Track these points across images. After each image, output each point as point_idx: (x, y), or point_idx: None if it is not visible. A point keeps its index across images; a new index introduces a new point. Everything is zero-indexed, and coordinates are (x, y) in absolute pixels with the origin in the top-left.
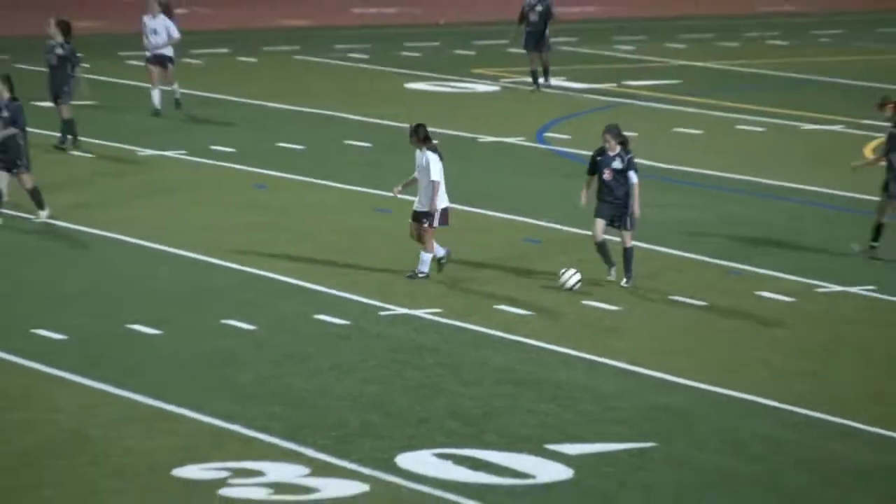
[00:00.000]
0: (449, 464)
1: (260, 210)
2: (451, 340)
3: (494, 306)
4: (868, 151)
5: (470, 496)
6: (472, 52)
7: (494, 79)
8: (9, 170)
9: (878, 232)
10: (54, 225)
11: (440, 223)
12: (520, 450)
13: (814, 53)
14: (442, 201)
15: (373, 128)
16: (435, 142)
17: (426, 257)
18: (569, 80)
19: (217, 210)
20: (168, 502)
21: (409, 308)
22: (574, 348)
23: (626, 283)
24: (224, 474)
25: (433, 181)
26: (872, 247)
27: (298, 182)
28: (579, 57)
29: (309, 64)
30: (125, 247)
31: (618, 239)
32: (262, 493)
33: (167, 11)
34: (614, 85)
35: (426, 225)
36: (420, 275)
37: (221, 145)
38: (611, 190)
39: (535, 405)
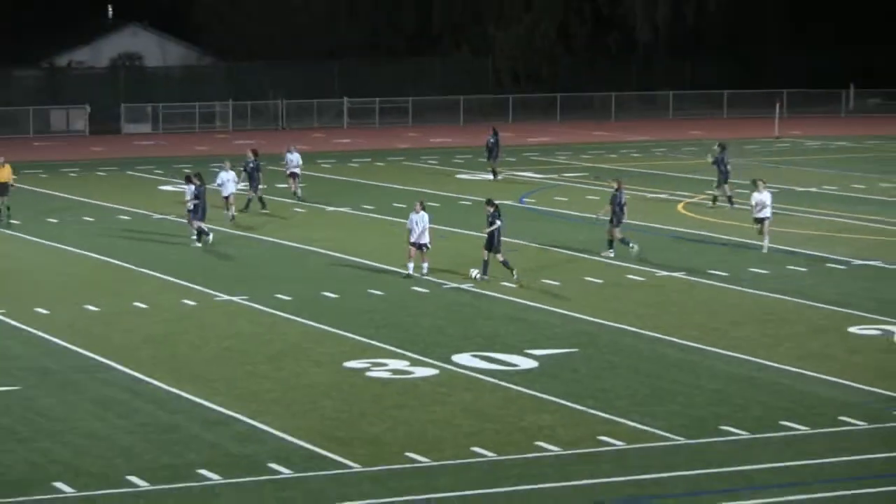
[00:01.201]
0: (477, 360)
1: None
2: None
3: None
4: None
5: (489, 376)
6: None
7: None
8: None
9: None
10: None
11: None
12: (510, 352)
13: None
14: None
15: None
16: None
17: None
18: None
19: None
20: (342, 377)
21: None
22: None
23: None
24: (368, 365)
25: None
26: None
27: None
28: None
29: None
30: None
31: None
32: (387, 374)
33: None
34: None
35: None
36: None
37: None
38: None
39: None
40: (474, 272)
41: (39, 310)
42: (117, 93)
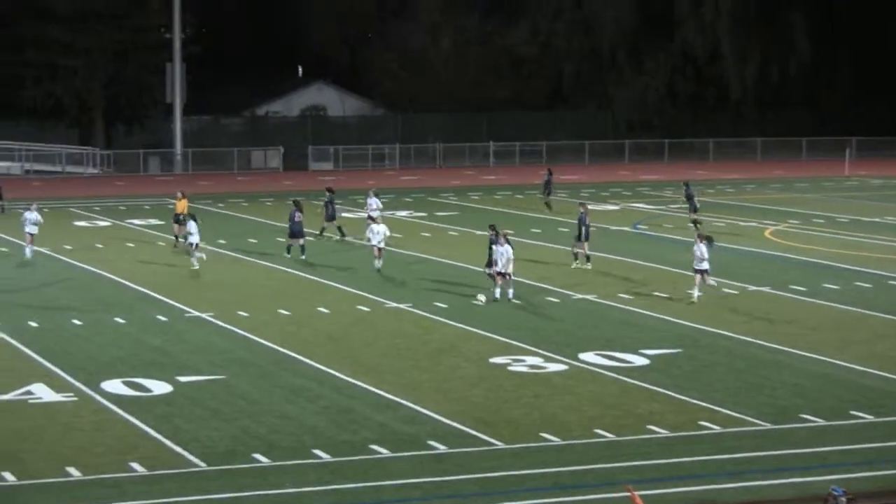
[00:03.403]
0: (599, 358)
1: None
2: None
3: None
4: None
5: (610, 371)
6: None
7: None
8: None
9: None
10: None
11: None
12: (627, 351)
13: None
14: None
15: None
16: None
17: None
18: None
19: None
20: (488, 370)
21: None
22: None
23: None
24: (509, 361)
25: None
26: None
27: None
28: None
29: None
30: None
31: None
32: (525, 369)
33: None
34: None
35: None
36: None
37: None
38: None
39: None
40: (482, 297)
41: (241, 312)
42: (305, 137)
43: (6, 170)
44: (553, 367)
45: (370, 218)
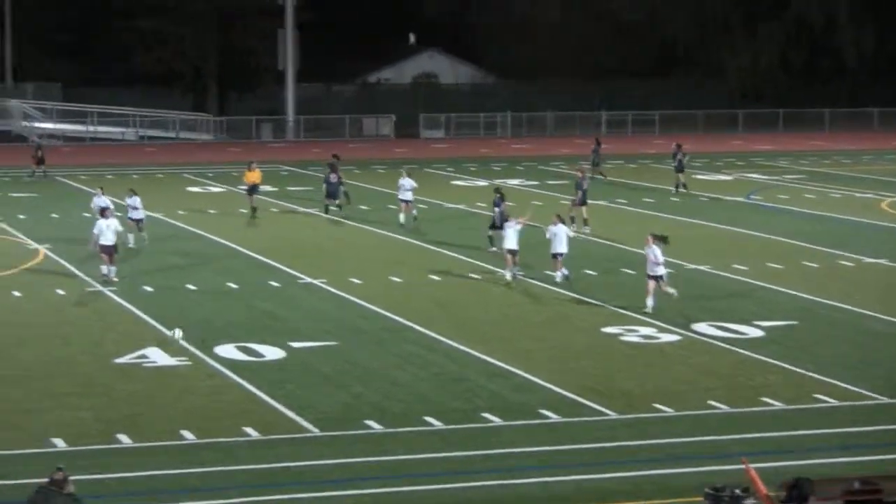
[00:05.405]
0: (713, 329)
1: None
2: None
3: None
4: None
5: (723, 342)
6: None
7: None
8: None
9: None
10: None
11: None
12: (741, 322)
13: None
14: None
15: None
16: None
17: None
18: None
19: None
20: (600, 340)
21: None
22: None
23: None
24: (622, 331)
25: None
26: None
27: None
28: None
29: None
30: None
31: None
32: (638, 339)
33: None
34: None
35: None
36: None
37: None
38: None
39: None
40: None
41: (354, 280)
42: (417, 105)
43: (121, 135)
44: (666, 337)
45: (404, 202)
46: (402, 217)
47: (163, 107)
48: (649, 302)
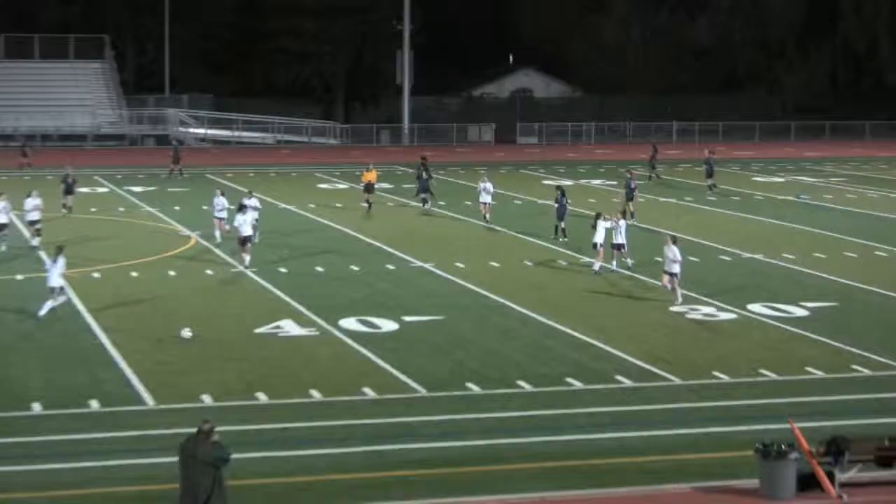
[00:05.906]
0: (765, 308)
1: None
2: None
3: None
4: None
5: (773, 320)
6: None
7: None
8: None
9: None
10: None
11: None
12: (788, 303)
13: None
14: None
15: None
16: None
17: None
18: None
19: None
20: (668, 317)
21: None
22: None
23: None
24: (687, 310)
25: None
26: None
27: None
28: None
29: None
30: None
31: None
32: (700, 316)
33: None
34: None
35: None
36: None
37: None
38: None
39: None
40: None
41: (458, 264)
42: (514, 115)
43: (261, 140)
44: (724, 315)
45: (483, 204)
46: (488, 216)
47: (297, 115)
48: (677, 296)
